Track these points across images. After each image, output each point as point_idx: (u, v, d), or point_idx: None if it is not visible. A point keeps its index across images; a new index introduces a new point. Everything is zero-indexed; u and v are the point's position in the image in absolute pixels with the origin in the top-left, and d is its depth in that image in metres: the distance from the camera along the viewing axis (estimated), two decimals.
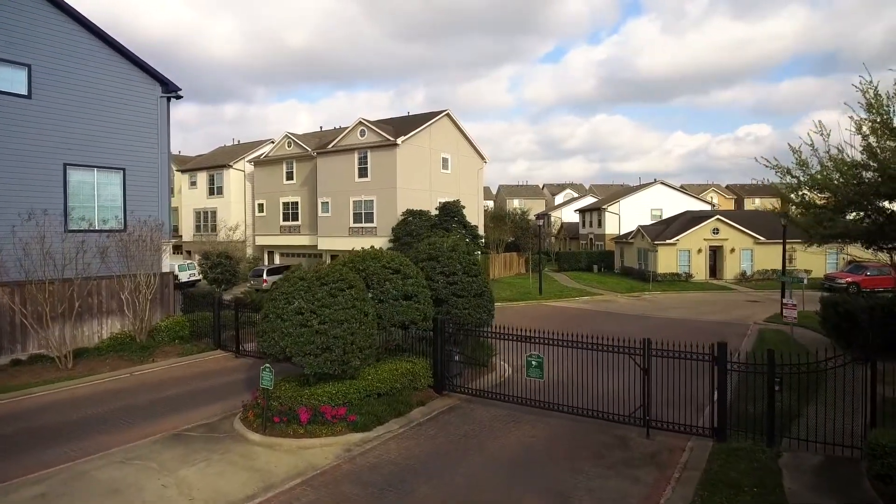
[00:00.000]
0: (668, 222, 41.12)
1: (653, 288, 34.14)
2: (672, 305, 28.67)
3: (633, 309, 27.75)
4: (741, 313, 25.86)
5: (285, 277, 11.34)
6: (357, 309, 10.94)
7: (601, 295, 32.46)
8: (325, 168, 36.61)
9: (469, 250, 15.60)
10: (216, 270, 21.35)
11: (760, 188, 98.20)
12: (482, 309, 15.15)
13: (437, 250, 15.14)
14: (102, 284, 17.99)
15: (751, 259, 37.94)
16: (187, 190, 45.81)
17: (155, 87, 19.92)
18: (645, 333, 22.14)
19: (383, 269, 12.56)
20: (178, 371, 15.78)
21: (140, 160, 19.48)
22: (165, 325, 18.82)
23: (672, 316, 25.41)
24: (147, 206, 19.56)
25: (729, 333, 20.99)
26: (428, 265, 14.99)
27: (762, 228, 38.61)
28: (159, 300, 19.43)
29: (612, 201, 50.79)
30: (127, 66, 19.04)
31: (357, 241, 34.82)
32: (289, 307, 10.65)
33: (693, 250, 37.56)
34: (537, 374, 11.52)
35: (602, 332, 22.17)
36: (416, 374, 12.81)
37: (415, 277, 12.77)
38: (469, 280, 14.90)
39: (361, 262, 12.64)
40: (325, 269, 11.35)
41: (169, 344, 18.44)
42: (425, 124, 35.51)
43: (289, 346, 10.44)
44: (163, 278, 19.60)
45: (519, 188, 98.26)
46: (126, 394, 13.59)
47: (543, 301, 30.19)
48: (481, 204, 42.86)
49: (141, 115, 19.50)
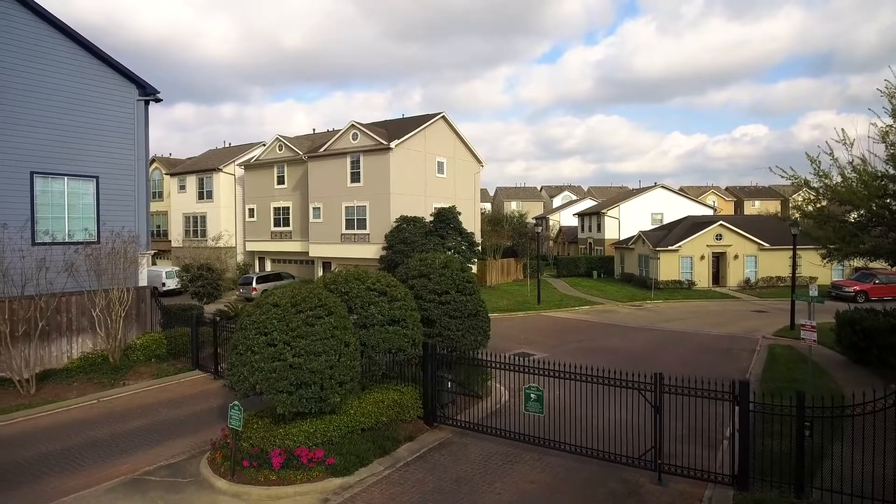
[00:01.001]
0: (669, 228, 40.10)
1: (655, 296, 33.10)
2: (675, 316, 27.63)
3: (635, 320, 26.70)
4: (748, 325, 24.84)
5: (257, 304, 10.24)
6: (337, 339, 9.85)
7: (601, 304, 31.40)
8: (316, 172, 35.50)
9: (463, 266, 14.52)
10: (197, 283, 20.23)
11: (760, 190, 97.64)
12: (477, 330, 14.07)
13: (428, 267, 14.06)
14: (72, 301, 16.86)
15: (755, 266, 36.94)
16: (176, 194, 44.64)
17: (131, 89, 18.81)
18: (649, 348, 21.34)
19: (368, 291, 11.47)
20: (149, 396, 14.66)
21: (115, 167, 18.37)
22: (141, 343, 17.73)
23: (676, 328, 24.38)
24: (123, 216, 18.45)
25: (737, 350, 19.97)
26: (418, 283, 13.91)
27: (766, 234, 37.62)
28: (135, 316, 18.31)
29: (612, 205, 49.75)
30: (100, 67, 17.93)
31: (349, 248, 33.76)
32: (260, 338, 9.56)
33: (696, 257, 36.54)
34: (536, 408, 10.43)
35: (604, 347, 21.32)
36: (405, 405, 11.73)
37: (403, 300, 11.68)
38: (463, 299, 13.82)
39: (344, 284, 11.55)
40: (303, 294, 10.26)
41: (144, 364, 17.35)
42: (420, 127, 34.42)
43: (259, 381, 9.35)
44: (139, 293, 18.48)
45: (517, 190, 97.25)
46: (89, 425, 12.47)
47: (542, 311, 29.12)
48: (478, 209, 41.79)
49: (116, 119, 18.39)
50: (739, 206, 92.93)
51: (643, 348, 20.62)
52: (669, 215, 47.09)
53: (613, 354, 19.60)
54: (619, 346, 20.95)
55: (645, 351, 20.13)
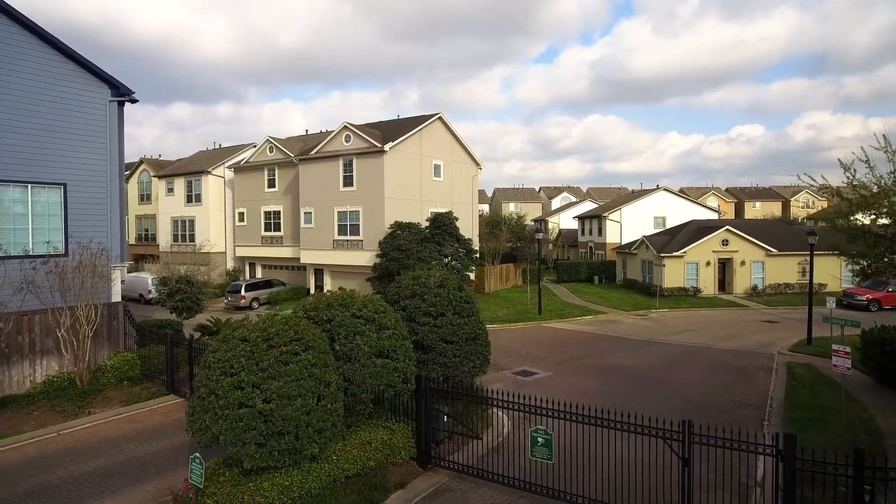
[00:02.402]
0: (673, 232, 38.85)
1: (659, 305, 31.84)
2: (683, 327, 26.36)
3: (641, 331, 25.42)
4: (760, 338, 23.58)
5: (223, 338, 8.91)
6: (315, 378, 8.54)
7: (605, 314, 30.12)
8: (307, 176, 34.12)
9: (460, 285, 13.21)
10: (175, 298, 18.86)
11: (761, 192, 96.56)
12: (475, 356, 12.77)
13: (421, 286, 12.75)
14: (35, 319, 15.50)
15: (762, 272, 35.70)
16: (164, 197, 43.20)
17: (103, 90, 17.45)
18: (658, 366, 19.97)
19: (353, 318, 10.15)
20: (115, 428, 13.30)
21: (85, 174, 17.02)
22: (112, 364, 16.38)
23: (685, 341, 23.11)
24: (94, 227, 17.12)
25: (753, 368, 18.71)
26: (411, 304, 12.61)
27: (774, 239, 36.41)
28: (106, 335, 16.95)
29: (613, 208, 48.47)
30: (66, 65, 16.56)
31: (342, 254, 32.41)
32: (225, 379, 8.23)
33: (701, 263, 35.29)
34: (544, 454, 9.14)
35: (610, 364, 19.97)
36: (395, 445, 10.43)
37: (393, 327, 10.37)
38: (460, 322, 12.52)
39: (326, 310, 10.23)
40: (276, 326, 8.94)
41: (115, 387, 16.00)
42: (415, 129, 33.07)
43: (223, 431, 8.03)
44: (111, 309, 17.11)
45: (515, 191, 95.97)
46: (43, 465, 11.13)
47: (543, 321, 27.83)
48: (476, 213, 40.47)
49: (86, 122, 17.04)
50: (740, 208, 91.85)
51: (652, 365, 19.34)
52: (672, 218, 45.86)
53: (621, 373, 18.33)
54: (627, 364, 19.67)
55: (654, 369, 18.86)
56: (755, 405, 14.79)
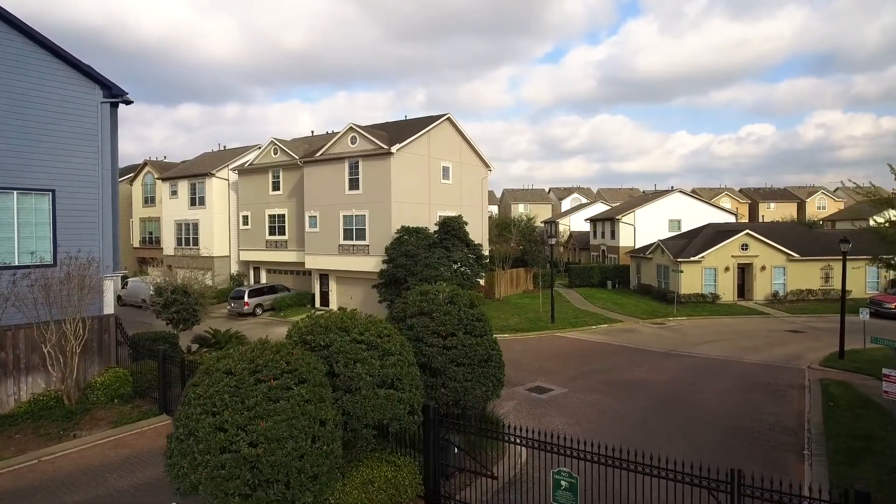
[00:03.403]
0: (689, 236, 37.56)
1: (677, 312, 30.60)
2: (704, 337, 25.15)
3: (659, 342, 24.24)
4: (787, 351, 22.33)
5: (205, 370, 7.91)
6: (310, 417, 7.52)
7: (620, 322, 28.94)
8: (312, 178, 33.17)
9: (472, 301, 12.15)
10: (170, 310, 17.92)
11: (775, 192, 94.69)
12: (488, 378, 11.69)
13: (430, 303, 11.70)
14: (20, 335, 14.60)
15: (783, 278, 34.34)
16: (168, 200, 42.43)
17: (93, 90, 16.56)
18: (682, 382, 18.64)
19: (354, 344, 9.11)
20: (101, 454, 12.36)
21: (75, 180, 16.15)
22: (102, 380, 15.46)
23: (707, 354, 21.92)
24: (85, 235, 16.25)
25: (783, 386, 17.51)
26: (418, 322, 11.55)
27: (795, 244, 35.05)
28: (96, 349, 16.05)
29: (626, 211, 47.17)
30: (56, 65, 15.69)
31: (348, 259, 31.45)
32: (206, 419, 7.23)
33: (720, 268, 33.99)
34: (568, 499, 8.06)
35: (630, 381, 18.70)
36: (401, 483, 9.38)
37: (399, 353, 9.33)
38: (472, 342, 11.44)
39: (323, 335, 9.20)
40: (266, 355, 7.92)
41: (105, 405, 15.09)
42: (423, 130, 32.03)
43: (202, 481, 7.02)
44: (102, 323, 16.20)
45: (524, 192, 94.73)
46: (16, 500, 10.19)
47: (557, 331, 26.69)
48: (486, 217, 39.38)
49: (76, 124, 16.16)
50: (754, 209, 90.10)
51: (675, 382, 18.19)
52: (687, 221, 44.54)
53: (642, 390, 17.20)
54: (648, 379, 18.53)
55: (678, 385, 17.72)
56: (791, 430, 13.62)
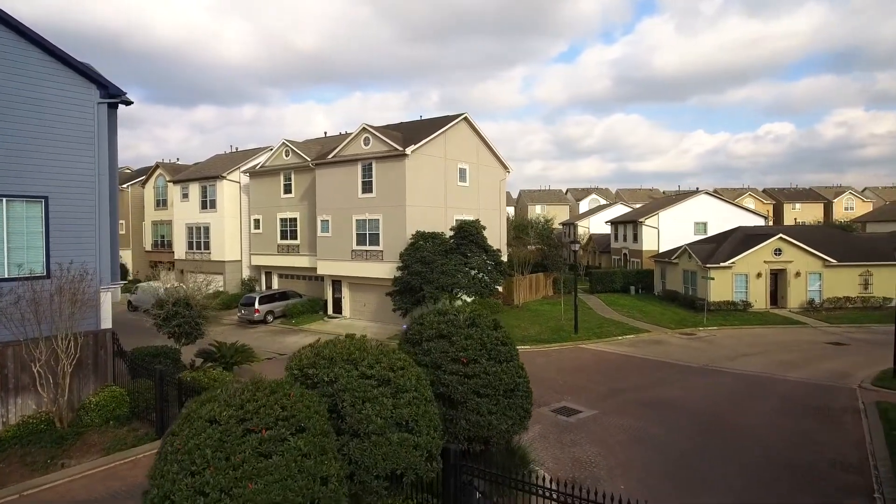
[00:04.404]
0: (717, 240, 35.83)
1: (707, 321, 28.99)
2: (738, 350, 23.57)
3: (691, 355, 22.71)
4: (832, 367, 20.69)
5: (186, 416, 6.72)
6: (308, 474, 6.29)
7: (647, 332, 27.41)
8: (324, 181, 32.09)
9: (496, 323, 10.87)
10: (171, 323, 16.87)
11: (800, 192, 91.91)
12: (515, 410, 10.40)
13: (449, 325, 10.44)
14: (8, 352, 13.62)
15: (819, 285, 32.50)
16: (179, 203, 41.70)
17: (90, 90, 15.55)
18: (720, 404, 16.34)
19: (362, 379, 7.88)
20: (89, 487, 11.28)
21: (70, 185, 15.15)
22: (97, 400, 14.42)
23: (745, 370, 20.37)
24: (81, 244, 15.25)
25: (836, 409, 15.95)
26: (436, 346, 10.30)
27: (832, 248, 33.17)
28: (91, 367, 15.03)
29: (650, 213, 45.43)
30: (50, 64, 14.71)
31: (361, 266, 30.32)
32: (184, 480, 6.04)
33: (751, 274, 32.27)
34: None
35: (664, 401, 16.93)
36: None
37: (414, 389, 8.07)
38: (497, 370, 10.17)
39: (327, 369, 7.98)
40: (259, 399, 6.72)
41: (99, 428, 14.04)
42: (439, 130, 30.78)
43: None
44: (98, 338, 15.18)
45: (541, 193, 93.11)
46: None
47: (580, 342, 25.27)
48: (504, 220, 38.02)
49: (71, 126, 15.16)
50: (778, 210, 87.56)
51: (714, 403, 16.74)
52: (714, 224, 42.74)
53: (680, 413, 15.77)
54: (682, 399, 17.09)
55: (718, 408, 16.26)
56: (854, 466, 12.13)
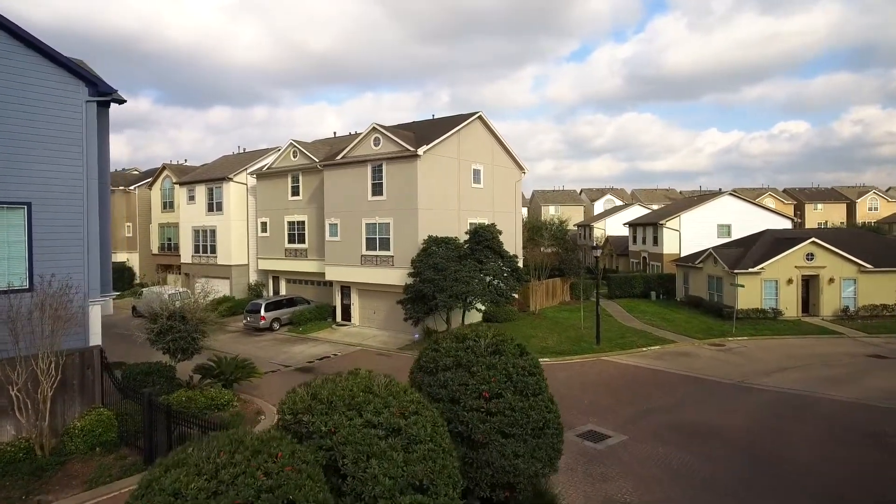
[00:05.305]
0: (745, 244, 34.12)
1: (736, 331, 27.38)
2: (773, 363, 21.98)
3: (724, 371, 21.16)
4: (880, 383, 19.06)
5: (146, 487, 5.42)
6: None
7: (673, 342, 25.86)
8: (332, 183, 30.86)
9: (522, 349, 9.50)
10: (165, 339, 15.63)
11: (822, 192, 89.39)
12: (544, 450, 9.02)
13: (468, 353, 9.09)
14: None
15: (854, 291, 30.72)
16: (185, 205, 40.72)
17: (78, 88, 14.43)
18: (762, 429, 14.51)
19: (367, 429, 6.55)
20: None
21: (56, 190, 14.05)
22: (83, 425, 13.29)
23: (784, 387, 18.82)
24: (67, 255, 14.14)
25: (894, 434, 14.38)
26: (454, 378, 8.95)
27: (866, 253, 31.36)
28: (77, 387, 13.88)
29: (671, 215, 43.71)
30: (32, 59, 13.60)
31: (370, 272, 29.07)
32: None
33: (781, 281, 30.56)
34: None
35: (699, 425, 14.91)
36: None
37: (430, 440, 6.74)
38: (523, 406, 8.80)
39: (325, 416, 6.66)
40: (241, 459, 5.41)
41: (84, 455, 12.93)
42: (453, 130, 29.42)
43: None
44: (84, 357, 14.02)
45: (554, 194, 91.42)
46: None
47: (603, 354, 23.80)
48: (520, 224, 36.60)
49: (57, 127, 14.05)
50: (800, 210, 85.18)
51: (755, 427, 15.26)
52: (738, 227, 40.95)
53: (718, 440, 14.31)
54: (722, 423, 15.60)
55: (760, 433, 14.79)
56: None
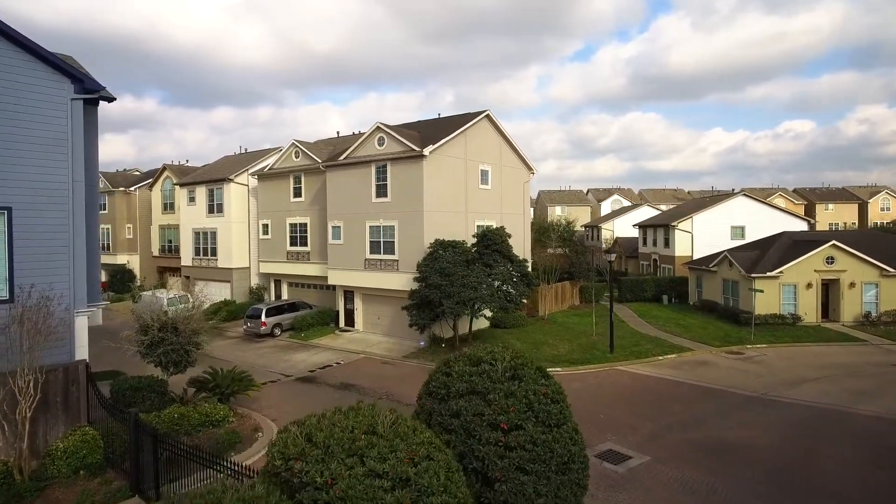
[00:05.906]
0: (761, 247, 33.02)
1: (754, 338, 26.31)
2: (797, 374, 20.92)
3: (744, 380, 20.12)
4: None
5: None
6: None
7: (690, 350, 24.81)
8: (335, 184, 29.93)
9: (544, 371, 8.52)
10: (157, 351, 14.72)
11: (833, 192, 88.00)
12: (569, 488, 8.04)
13: (483, 377, 8.12)
14: None
15: (876, 296, 29.59)
16: (186, 206, 39.87)
17: (62, 85, 13.51)
18: (793, 448, 13.62)
19: (370, 479, 5.58)
20: None
21: (38, 194, 13.14)
22: (66, 446, 12.37)
23: (810, 400, 17.79)
24: (51, 262, 13.22)
25: None
26: (468, 407, 7.98)
27: (887, 255, 30.22)
28: (60, 405, 12.96)
29: (683, 216, 42.57)
30: (13, 54, 12.68)
31: (375, 276, 28.12)
32: None
33: (800, 285, 29.46)
34: None
35: (724, 443, 13.54)
36: None
37: (444, 491, 5.78)
38: (546, 438, 7.82)
39: (321, 465, 5.69)
40: None
41: (67, 479, 12.02)
42: (460, 129, 28.45)
43: None
44: (68, 373, 13.10)
45: (560, 194, 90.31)
46: None
47: (616, 363, 22.78)
48: (528, 225, 35.61)
49: (38, 126, 13.13)
50: (810, 210, 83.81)
51: (783, 446, 14.27)
52: (752, 229, 39.82)
53: (745, 461, 13.32)
54: (747, 441, 14.60)
55: (789, 452, 13.82)
56: None
